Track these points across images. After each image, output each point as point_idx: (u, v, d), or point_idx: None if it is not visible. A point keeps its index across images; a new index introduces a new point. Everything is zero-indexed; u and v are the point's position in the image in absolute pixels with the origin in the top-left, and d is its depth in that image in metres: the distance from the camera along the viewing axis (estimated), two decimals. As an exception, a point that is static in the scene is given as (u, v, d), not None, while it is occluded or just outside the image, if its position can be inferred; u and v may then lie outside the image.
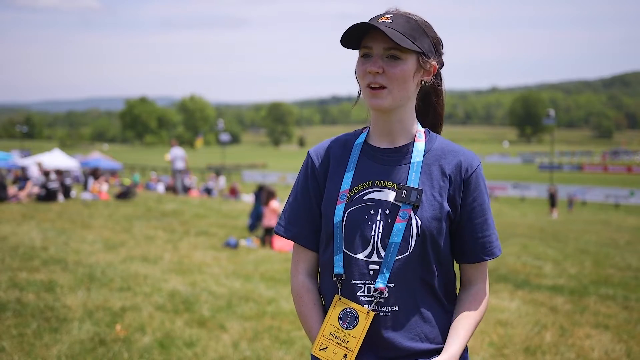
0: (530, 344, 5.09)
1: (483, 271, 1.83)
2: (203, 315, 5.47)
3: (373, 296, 1.71)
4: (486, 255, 1.79)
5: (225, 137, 65.00)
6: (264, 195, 11.65)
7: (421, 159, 1.77)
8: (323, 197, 1.82)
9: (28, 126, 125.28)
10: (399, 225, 1.70)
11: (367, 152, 1.81)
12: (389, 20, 1.68)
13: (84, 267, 7.09)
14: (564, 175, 63.10)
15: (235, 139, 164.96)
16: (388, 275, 1.70)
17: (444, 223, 1.74)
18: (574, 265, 9.97)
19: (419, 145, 1.79)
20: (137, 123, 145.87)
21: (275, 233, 1.90)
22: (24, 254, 7.63)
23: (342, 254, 1.74)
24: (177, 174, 22.36)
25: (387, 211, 1.72)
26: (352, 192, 1.76)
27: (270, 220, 10.86)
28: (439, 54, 1.80)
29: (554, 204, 27.32)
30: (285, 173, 52.95)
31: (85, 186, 19.52)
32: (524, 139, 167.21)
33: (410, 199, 1.71)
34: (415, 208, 1.71)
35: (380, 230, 1.72)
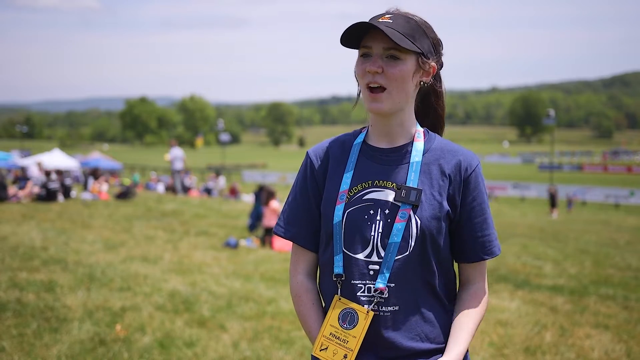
0: (530, 344, 5.09)
1: (482, 270, 1.83)
2: (203, 315, 5.47)
3: (373, 296, 1.71)
4: (486, 255, 1.79)
5: (225, 137, 65.02)
6: (264, 195, 11.66)
7: (420, 159, 1.77)
8: (322, 198, 1.82)
9: (28, 126, 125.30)
10: (399, 225, 1.70)
11: (366, 152, 1.81)
12: (389, 20, 1.68)
13: (84, 267, 7.09)
14: (564, 175, 63.10)
15: (235, 139, 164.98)
16: (388, 275, 1.70)
17: (444, 222, 1.74)
18: (574, 265, 9.97)
19: (418, 145, 1.78)
20: (137, 123, 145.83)
21: (274, 233, 1.91)
22: (24, 254, 7.63)
23: (342, 254, 1.74)
24: (176, 174, 22.40)
25: (387, 211, 1.72)
26: (352, 192, 1.76)
27: (270, 220, 10.86)
28: (439, 54, 1.80)
29: (554, 204, 27.25)
30: (285, 173, 52.94)
31: (85, 186, 19.53)
32: (524, 139, 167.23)
33: (409, 198, 1.71)
34: (415, 208, 1.71)
35: (380, 230, 1.72)
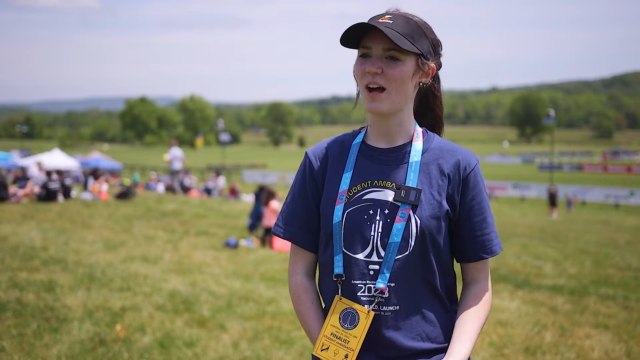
0: (530, 344, 5.09)
1: (485, 269, 1.83)
2: (203, 315, 5.47)
3: (374, 296, 1.71)
4: (485, 253, 1.79)
5: (225, 137, 65.03)
6: (264, 195, 11.66)
7: (419, 159, 1.77)
8: (321, 198, 1.82)
9: (28, 126, 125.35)
10: (399, 225, 1.70)
11: (365, 152, 1.81)
12: (389, 21, 1.68)
13: (84, 267, 7.09)
14: (564, 175, 63.10)
15: (235, 139, 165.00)
16: (388, 275, 1.70)
17: (443, 222, 1.75)
18: (574, 265, 9.97)
19: (417, 145, 1.78)
20: (137, 123, 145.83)
21: (273, 234, 1.91)
22: (24, 254, 7.63)
23: (342, 254, 1.74)
24: (175, 174, 22.42)
25: (386, 211, 1.72)
26: (351, 193, 1.76)
27: (270, 221, 10.87)
28: (438, 55, 1.80)
29: (554, 203, 27.17)
30: (285, 173, 52.94)
31: (85, 186, 19.53)
32: (524, 139, 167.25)
33: (409, 198, 1.71)
34: (415, 207, 1.71)
35: (380, 230, 1.72)
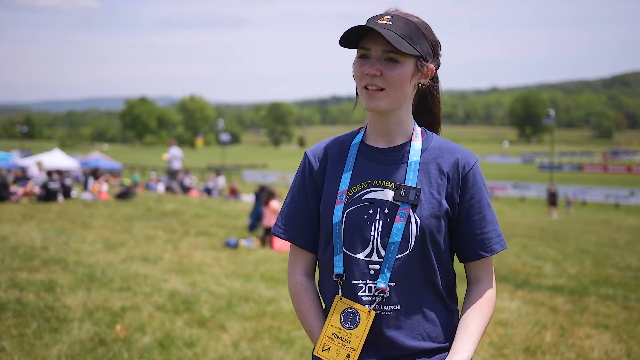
0: (530, 344, 5.09)
1: (487, 268, 1.81)
2: (203, 315, 5.47)
3: (375, 296, 1.71)
4: (484, 252, 1.78)
5: (225, 137, 65.01)
6: (264, 195, 11.66)
7: (418, 158, 1.77)
8: (321, 198, 1.82)
9: (28, 126, 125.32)
10: (399, 224, 1.70)
11: (365, 152, 1.81)
12: (388, 22, 1.67)
13: (84, 267, 7.09)
14: (564, 175, 63.08)
15: (235, 139, 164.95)
16: (389, 274, 1.70)
17: (443, 221, 1.74)
18: (574, 265, 9.97)
19: (416, 145, 1.79)
20: (137, 123, 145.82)
21: (272, 234, 1.91)
22: (24, 254, 7.63)
23: (342, 254, 1.74)
24: (174, 174, 22.41)
25: (386, 210, 1.72)
26: (351, 192, 1.76)
27: (270, 221, 10.87)
28: (437, 56, 1.80)
29: (554, 203, 27.09)
30: (285, 173, 52.94)
31: (85, 186, 19.54)
32: (524, 139, 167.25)
33: (408, 198, 1.71)
34: (414, 207, 1.71)
35: (380, 229, 1.72)
